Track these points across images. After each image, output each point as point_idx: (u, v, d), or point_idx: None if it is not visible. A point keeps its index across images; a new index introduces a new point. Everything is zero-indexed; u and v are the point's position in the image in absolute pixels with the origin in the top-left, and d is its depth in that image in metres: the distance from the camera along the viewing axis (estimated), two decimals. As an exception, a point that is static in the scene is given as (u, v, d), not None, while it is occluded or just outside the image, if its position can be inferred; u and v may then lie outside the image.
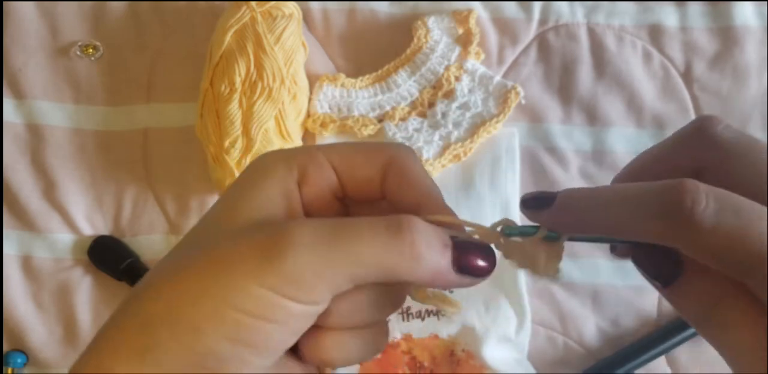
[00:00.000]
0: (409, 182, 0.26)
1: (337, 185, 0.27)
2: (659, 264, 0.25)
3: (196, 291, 0.22)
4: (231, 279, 0.22)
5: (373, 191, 0.27)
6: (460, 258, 0.24)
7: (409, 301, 0.60)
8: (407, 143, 0.61)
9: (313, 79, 0.63)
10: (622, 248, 0.27)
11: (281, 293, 0.22)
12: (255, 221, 0.24)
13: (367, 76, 0.63)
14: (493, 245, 0.26)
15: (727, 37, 0.64)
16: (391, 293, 0.26)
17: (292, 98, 0.59)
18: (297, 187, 0.26)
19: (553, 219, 0.25)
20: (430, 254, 0.23)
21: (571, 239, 0.26)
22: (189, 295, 0.22)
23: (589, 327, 0.61)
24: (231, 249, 0.23)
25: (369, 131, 0.62)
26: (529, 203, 0.26)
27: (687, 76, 0.64)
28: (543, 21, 0.65)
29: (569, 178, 0.63)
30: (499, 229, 0.26)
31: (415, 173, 0.26)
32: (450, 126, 0.62)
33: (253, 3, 0.58)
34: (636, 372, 0.60)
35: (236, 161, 0.58)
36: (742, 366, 0.23)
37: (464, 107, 0.62)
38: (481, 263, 0.24)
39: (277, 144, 0.59)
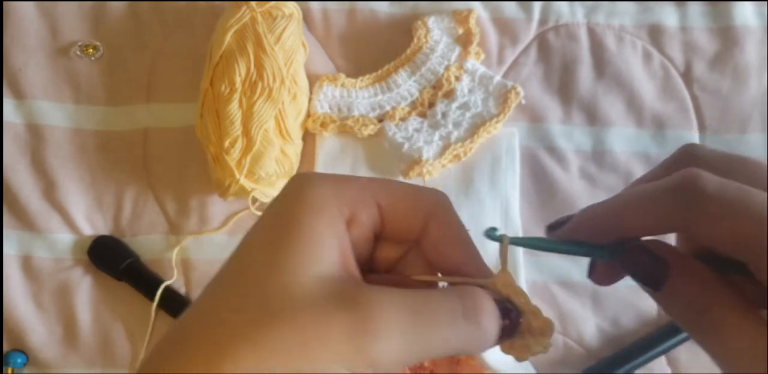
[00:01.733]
0: (452, 238, 0.26)
1: (380, 225, 0.26)
2: (648, 269, 0.25)
3: (285, 368, 0.21)
4: (321, 363, 0.21)
5: (409, 236, 0.27)
6: (508, 327, 0.25)
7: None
8: (407, 144, 0.61)
9: (313, 79, 0.63)
10: (601, 270, 0.28)
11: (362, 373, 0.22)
12: (320, 278, 0.23)
13: (367, 76, 0.63)
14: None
15: (727, 37, 0.64)
16: None
17: (292, 98, 0.59)
18: (346, 227, 0.25)
19: (575, 227, 0.26)
20: (496, 331, 0.24)
21: (557, 250, 0.27)
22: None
23: (589, 327, 0.61)
24: (317, 328, 0.22)
25: (369, 131, 0.62)
26: (553, 226, 0.27)
27: (687, 76, 0.64)
28: (543, 21, 0.65)
29: (569, 178, 0.63)
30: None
31: (458, 228, 0.27)
32: (450, 126, 0.62)
33: (253, 3, 0.58)
34: (636, 372, 0.60)
35: (236, 161, 0.58)
36: (737, 368, 0.23)
37: (464, 107, 0.62)
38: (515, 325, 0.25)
39: (277, 144, 0.59)
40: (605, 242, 0.26)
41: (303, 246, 0.23)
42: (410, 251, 0.28)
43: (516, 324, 0.25)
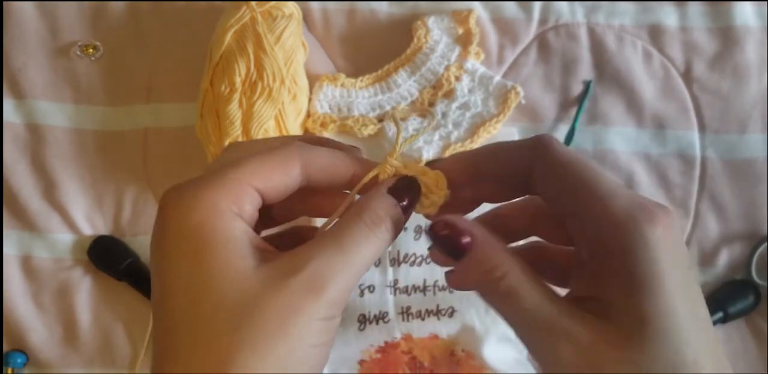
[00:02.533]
0: (325, 161, 0.30)
1: (261, 201, 0.29)
2: (453, 240, 0.28)
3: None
4: (301, 333, 0.25)
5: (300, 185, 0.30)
6: (409, 202, 0.30)
7: (408, 301, 0.60)
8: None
9: (313, 79, 0.63)
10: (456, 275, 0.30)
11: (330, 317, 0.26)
12: (244, 276, 0.26)
13: (367, 76, 0.63)
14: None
15: (727, 37, 0.64)
16: None
17: (292, 98, 0.59)
18: (242, 221, 0.27)
19: (445, 166, 0.31)
20: (400, 221, 0.29)
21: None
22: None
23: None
24: (280, 319, 0.25)
25: (369, 130, 0.62)
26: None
27: (687, 76, 0.64)
28: (543, 21, 0.65)
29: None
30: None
31: (328, 153, 0.30)
32: (450, 126, 0.62)
33: (253, 3, 0.58)
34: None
35: (236, 161, 0.58)
36: (527, 329, 0.26)
37: (464, 107, 0.62)
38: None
39: (277, 144, 0.58)
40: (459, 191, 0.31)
41: (214, 263, 0.26)
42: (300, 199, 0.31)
43: (415, 196, 0.30)
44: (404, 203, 0.29)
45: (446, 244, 0.28)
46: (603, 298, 0.26)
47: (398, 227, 0.28)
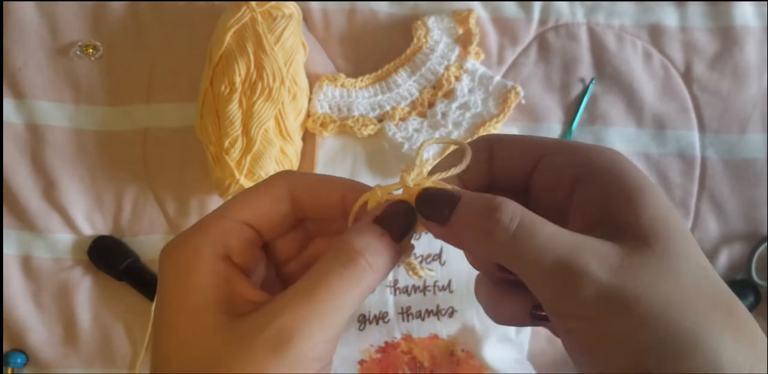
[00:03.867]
0: (319, 190, 0.29)
1: (256, 236, 0.28)
2: (438, 206, 0.26)
3: None
4: None
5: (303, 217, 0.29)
6: (402, 228, 0.27)
7: (408, 301, 0.60)
8: (407, 144, 0.61)
9: (313, 79, 0.63)
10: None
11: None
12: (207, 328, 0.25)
13: (367, 76, 0.63)
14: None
15: (727, 37, 0.64)
16: None
17: (292, 98, 0.59)
18: (226, 262, 0.27)
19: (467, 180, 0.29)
20: (386, 256, 0.26)
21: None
22: None
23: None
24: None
25: (369, 131, 0.62)
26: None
27: (687, 76, 0.64)
28: (543, 21, 0.65)
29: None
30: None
31: (318, 180, 0.29)
32: (450, 126, 0.62)
33: (253, 3, 0.58)
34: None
35: (236, 161, 0.58)
36: (542, 276, 0.24)
37: (464, 107, 0.62)
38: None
39: (277, 144, 0.59)
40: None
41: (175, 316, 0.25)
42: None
43: (410, 222, 0.27)
44: (397, 231, 0.26)
45: (432, 204, 0.26)
46: (605, 223, 0.25)
47: (389, 259, 0.26)
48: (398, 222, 0.26)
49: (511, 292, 0.29)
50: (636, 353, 0.22)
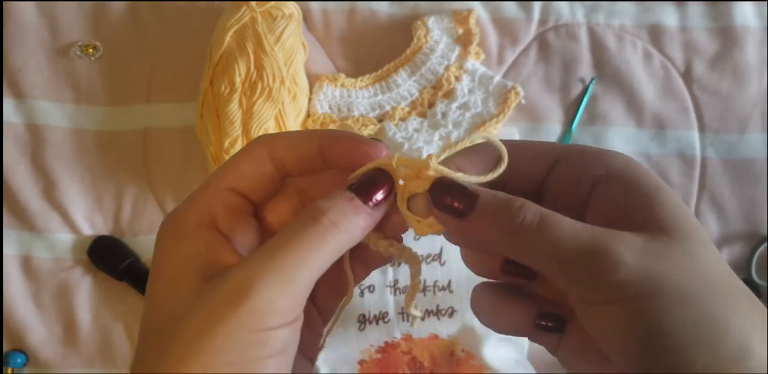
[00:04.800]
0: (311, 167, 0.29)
1: (243, 202, 0.28)
2: (456, 199, 0.27)
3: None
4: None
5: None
6: (382, 195, 0.28)
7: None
8: (407, 144, 0.61)
9: (313, 79, 0.63)
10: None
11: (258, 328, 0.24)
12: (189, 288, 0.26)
13: (367, 76, 0.63)
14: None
15: (727, 37, 0.64)
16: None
17: (292, 98, 0.59)
18: (211, 230, 0.27)
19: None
20: (363, 218, 0.27)
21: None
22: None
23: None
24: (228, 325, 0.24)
25: (369, 131, 0.62)
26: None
27: (687, 76, 0.64)
28: (543, 21, 0.65)
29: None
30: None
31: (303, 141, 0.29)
32: (450, 126, 0.62)
33: (253, 3, 0.58)
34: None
35: (236, 161, 0.58)
36: (578, 253, 0.24)
37: (464, 107, 0.62)
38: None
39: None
40: None
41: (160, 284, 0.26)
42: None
43: (380, 184, 0.27)
44: (366, 194, 0.27)
45: (452, 195, 0.27)
46: (624, 220, 0.25)
47: (358, 221, 0.26)
48: (369, 186, 0.27)
49: (514, 300, 0.29)
50: (671, 333, 0.23)
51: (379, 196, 0.27)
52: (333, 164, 0.29)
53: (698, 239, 0.25)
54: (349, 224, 0.26)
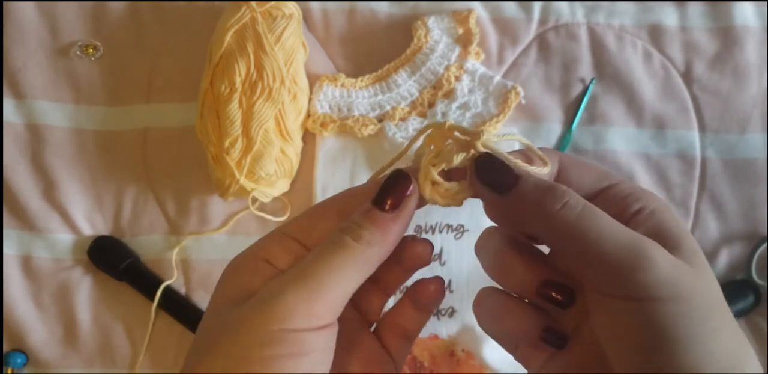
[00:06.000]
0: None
1: (300, 248, 0.29)
2: (500, 174, 0.28)
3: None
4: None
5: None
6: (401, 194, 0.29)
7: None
8: (407, 144, 0.61)
9: (313, 79, 0.63)
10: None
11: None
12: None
13: (367, 76, 0.63)
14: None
15: (727, 37, 0.64)
16: None
17: (292, 98, 0.59)
18: (267, 263, 0.29)
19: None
20: (394, 224, 0.28)
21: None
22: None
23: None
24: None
25: (369, 131, 0.62)
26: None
27: (687, 76, 0.64)
28: (543, 21, 0.65)
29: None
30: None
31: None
32: (450, 126, 0.62)
33: (253, 3, 0.58)
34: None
35: (236, 161, 0.58)
36: (617, 247, 0.25)
37: (464, 107, 0.62)
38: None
39: (277, 144, 0.59)
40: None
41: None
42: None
43: (399, 192, 0.28)
44: (384, 201, 0.28)
45: (497, 169, 0.27)
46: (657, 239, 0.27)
47: (381, 231, 0.28)
48: (385, 193, 0.28)
49: (522, 309, 0.29)
50: (680, 340, 0.24)
51: (397, 200, 0.28)
52: None
53: (710, 274, 0.27)
54: (370, 236, 0.27)
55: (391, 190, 0.28)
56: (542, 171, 0.28)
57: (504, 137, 0.29)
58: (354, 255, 0.27)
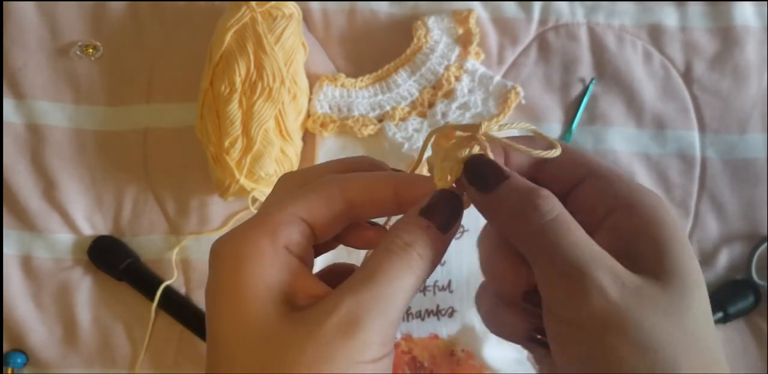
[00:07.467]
0: (367, 188, 0.29)
1: (311, 234, 0.28)
2: (487, 170, 0.27)
3: None
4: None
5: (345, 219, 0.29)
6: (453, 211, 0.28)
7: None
8: (407, 144, 0.61)
9: (313, 79, 0.63)
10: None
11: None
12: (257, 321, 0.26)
13: (367, 76, 0.63)
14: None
15: (727, 37, 0.64)
16: None
17: (292, 98, 0.59)
18: (289, 253, 0.27)
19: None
20: (440, 240, 0.27)
21: None
22: None
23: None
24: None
25: (369, 131, 0.62)
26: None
27: (687, 76, 0.64)
28: (543, 21, 0.65)
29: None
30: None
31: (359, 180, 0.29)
32: (450, 126, 0.62)
33: (253, 3, 0.58)
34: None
35: (236, 161, 0.58)
36: (570, 266, 0.24)
37: (464, 107, 0.62)
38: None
39: (277, 144, 0.59)
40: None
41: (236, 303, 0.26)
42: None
43: (454, 212, 0.27)
44: (442, 222, 0.27)
45: (484, 169, 0.27)
46: (628, 257, 0.25)
47: (436, 250, 0.27)
48: (442, 213, 0.27)
49: (513, 309, 0.29)
50: None
51: (455, 225, 0.27)
52: (407, 208, 0.28)
53: (694, 297, 0.24)
54: (433, 254, 0.26)
55: (452, 217, 0.27)
56: (553, 154, 0.27)
57: (506, 127, 0.29)
58: (420, 271, 0.26)
